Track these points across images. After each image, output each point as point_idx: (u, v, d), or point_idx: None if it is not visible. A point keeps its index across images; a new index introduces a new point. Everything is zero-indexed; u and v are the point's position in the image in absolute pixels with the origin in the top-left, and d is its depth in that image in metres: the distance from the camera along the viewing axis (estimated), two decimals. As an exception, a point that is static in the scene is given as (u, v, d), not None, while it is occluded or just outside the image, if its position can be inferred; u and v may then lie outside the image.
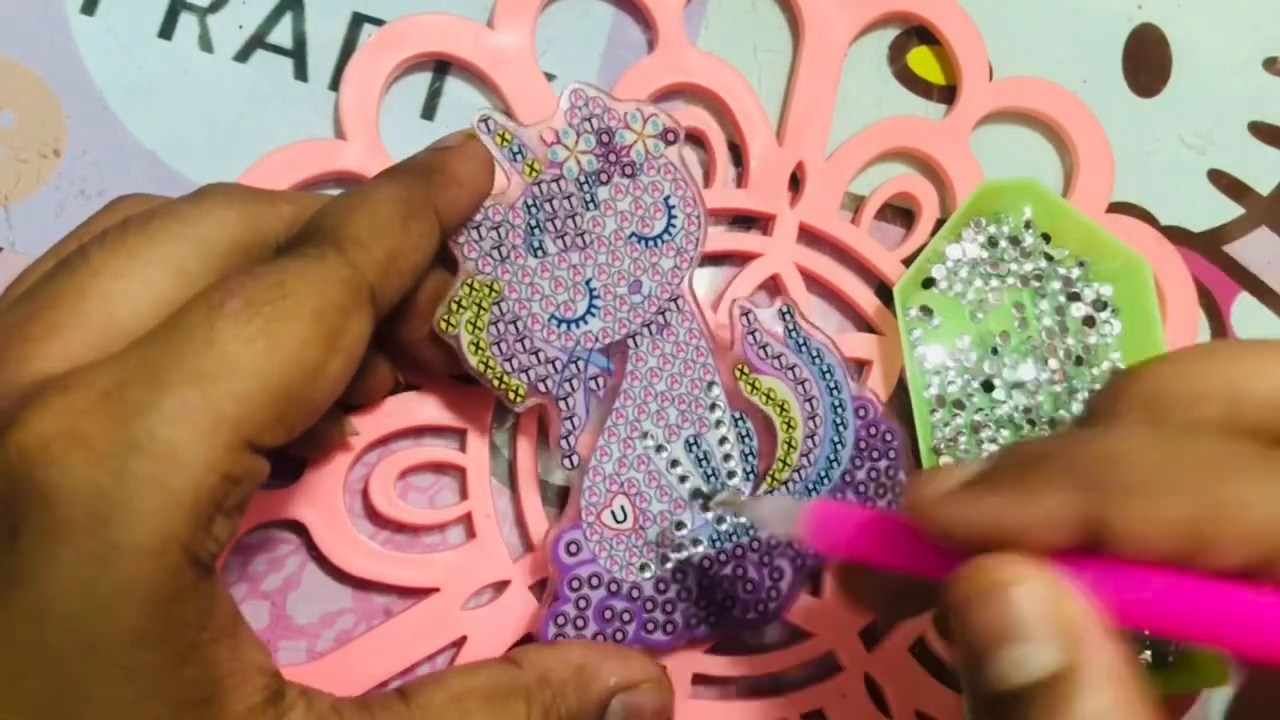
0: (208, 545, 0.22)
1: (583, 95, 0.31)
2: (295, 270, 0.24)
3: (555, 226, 0.31)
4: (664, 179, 0.32)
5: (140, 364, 0.22)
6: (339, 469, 0.32)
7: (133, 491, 0.21)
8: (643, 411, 0.32)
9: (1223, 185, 0.39)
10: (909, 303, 0.35)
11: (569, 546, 0.31)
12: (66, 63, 0.33)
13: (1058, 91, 0.37)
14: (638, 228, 0.32)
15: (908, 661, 0.35)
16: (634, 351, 0.32)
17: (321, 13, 0.34)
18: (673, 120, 0.32)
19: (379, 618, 0.33)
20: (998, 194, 0.35)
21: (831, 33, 0.36)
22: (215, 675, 0.23)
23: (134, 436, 0.21)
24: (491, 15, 0.34)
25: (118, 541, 0.21)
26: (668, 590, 0.31)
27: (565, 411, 0.31)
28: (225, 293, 0.23)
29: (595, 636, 0.31)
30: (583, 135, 0.31)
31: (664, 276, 0.32)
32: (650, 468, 0.32)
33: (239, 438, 0.22)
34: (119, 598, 0.21)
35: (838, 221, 0.36)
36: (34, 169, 0.33)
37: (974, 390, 0.35)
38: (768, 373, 0.33)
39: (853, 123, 0.36)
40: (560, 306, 0.31)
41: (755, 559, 0.32)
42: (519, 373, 0.30)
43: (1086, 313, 0.36)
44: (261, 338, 0.23)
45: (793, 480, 0.33)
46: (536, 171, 0.31)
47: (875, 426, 0.34)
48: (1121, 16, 0.39)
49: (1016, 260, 0.36)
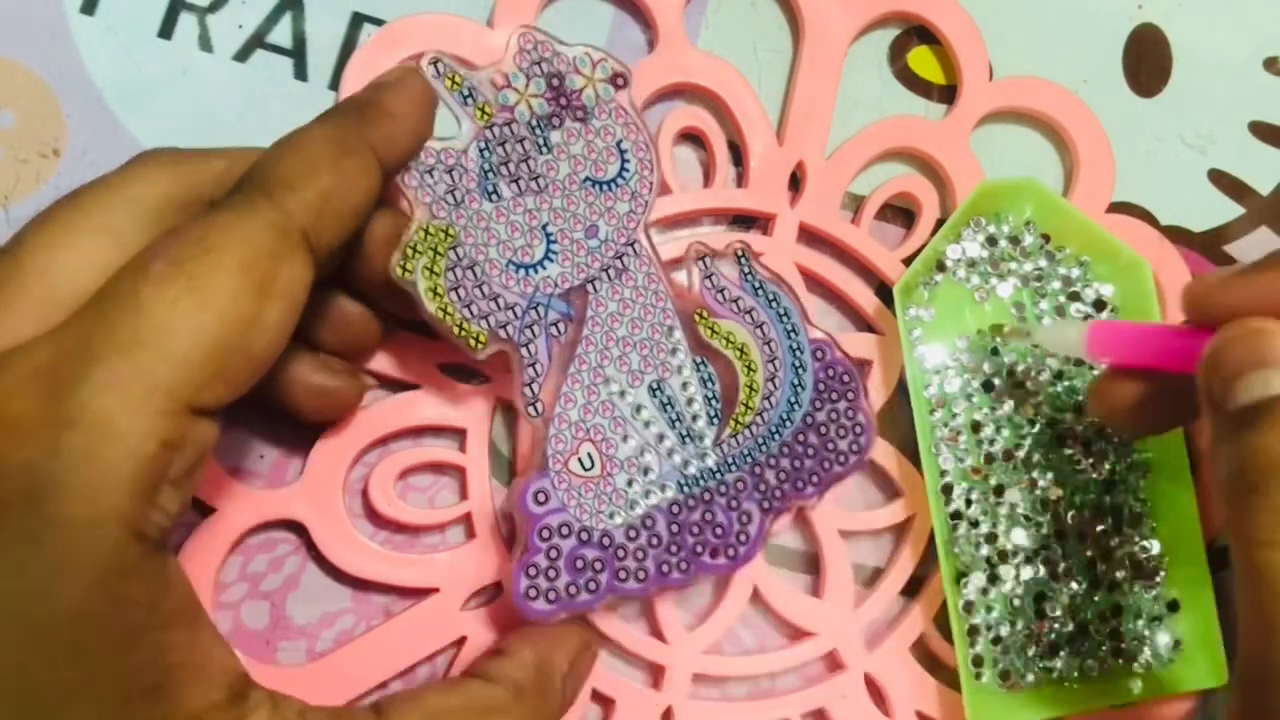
0: (153, 518, 0.22)
1: (531, 39, 0.31)
2: (220, 223, 0.24)
3: (509, 170, 0.30)
4: (615, 123, 0.32)
5: (72, 338, 0.22)
6: (339, 469, 0.32)
7: (67, 467, 0.21)
8: (605, 357, 0.31)
9: (1223, 185, 0.39)
10: (908, 302, 0.35)
11: (537, 496, 0.30)
12: (66, 62, 0.33)
13: (1058, 91, 0.37)
14: (591, 172, 0.31)
15: (908, 661, 0.35)
16: (593, 297, 0.31)
17: (321, 12, 0.34)
18: (622, 64, 0.32)
19: (379, 618, 0.33)
20: (997, 193, 0.35)
21: (832, 32, 0.36)
22: (167, 663, 0.22)
23: (65, 412, 0.21)
24: (491, 15, 0.34)
25: (52, 517, 0.21)
26: (638, 537, 0.31)
27: (527, 359, 0.31)
28: (150, 255, 0.23)
29: (568, 587, 0.30)
30: (533, 79, 0.31)
31: (620, 220, 0.32)
32: (615, 413, 0.31)
33: (175, 402, 0.22)
34: (56, 574, 0.21)
35: (838, 221, 0.36)
36: (34, 169, 0.33)
37: (974, 390, 0.35)
38: (726, 316, 0.33)
39: (853, 122, 0.36)
40: (517, 251, 0.31)
41: (723, 503, 0.32)
42: (478, 319, 0.30)
43: (1086, 312, 0.36)
44: (186, 296, 0.22)
45: (756, 423, 0.33)
46: (488, 115, 0.30)
47: (833, 368, 0.34)
48: (1122, 16, 0.39)
49: (1016, 260, 0.36)
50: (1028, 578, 0.35)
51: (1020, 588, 0.35)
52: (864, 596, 0.35)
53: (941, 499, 0.35)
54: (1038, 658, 0.35)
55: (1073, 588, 0.35)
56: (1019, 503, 0.35)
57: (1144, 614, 0.35)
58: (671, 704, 0.34)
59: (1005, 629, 0.35)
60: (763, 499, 0.33)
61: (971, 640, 0.34)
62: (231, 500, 0.32)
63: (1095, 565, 0.35)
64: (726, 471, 0.32)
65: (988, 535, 0.35)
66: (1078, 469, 0.35)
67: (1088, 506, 0.35)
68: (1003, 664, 0.34)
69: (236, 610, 0.32)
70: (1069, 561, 0.35)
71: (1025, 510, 0.35)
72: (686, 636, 0.34)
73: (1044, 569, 0.35)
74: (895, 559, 0.36)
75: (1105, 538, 0.35)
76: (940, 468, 0.35)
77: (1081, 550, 0.35)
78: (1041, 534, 0.35)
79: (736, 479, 0.32)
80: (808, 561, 0.36)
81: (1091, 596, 0.35)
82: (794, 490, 0.33)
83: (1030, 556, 0.35)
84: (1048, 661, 0.35)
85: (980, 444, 0.35)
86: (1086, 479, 0.35)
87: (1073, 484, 0.35)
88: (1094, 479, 0.36)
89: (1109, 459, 0.36)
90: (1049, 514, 0.35)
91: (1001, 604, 0.35)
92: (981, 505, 0.35)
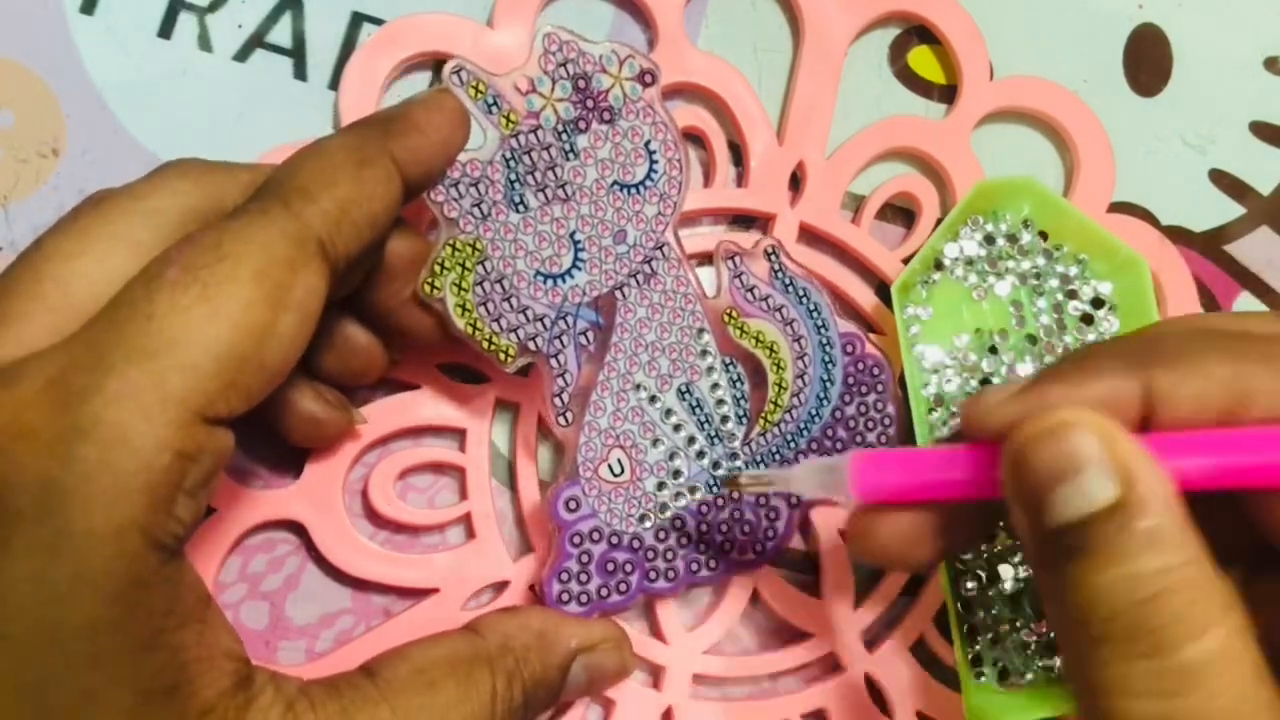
0: (169, 527, 0.22)
1: (557, 39, 0.30)
2: (234, 230, 0.23)
3: (535, 179, 0.30)
4: (643, 123, 0.31)
5: (85, 347, 0.22)
6: (339, 469, 0.32)
7: (82, 478, 0.21)
8: (634, 363, 0.31)
9: (1223, 185, 0.39)
10: (906, 301, 0.35)
11: (568, 503, 0.31)
12: (66, 62, 0.33)
13: (1058, 91, 0.37)
14: (619, 175, 0.31)
15: (908, 661, 0.35)
16: (622, 303, 0.31)
17: (321, 12, 0.34)
18: (650, 60, 0.31)
19: (379, 618, 0.33)
20: (995, 192, 0.35)
21: (832, 32, 0.36)
22: (182, 661, 0.23)
23: (79, 423, 0.21)
24: (491, 15, 0.34)
25: (69, 529, 0.21)
26: (668, 539, 0.32)
27: (556, 369, 0.31)
28: (164, 262, 0.23)
29: (599, 590, 0.31)
30: (558, 82, 0.30)
31: (648, 224, 0.32)
32: (645, 419, 0.31)
33: (189, 412, 0.22)
34: (75, 585, 0.21)
35: (838, 221, 0.36)
36: (33, 169, 0.33)
37: (972, 389, 0.35)
38: (756, 315, 0.33)
39: (853, 122, 0.36)
40: (545, 262, 0.30)
41: (751, 501, 0.32)
42: (508, 332, 0.30)
43: (1084, 310, 0.36)
44: (200, 305, 0.22)
45: (785, 420, 0.33)
46: (513, 123, 0.30)
47: (863, 362, 0.34)
48: (1122, 16, 0.39)
49: (1014, 258, 0.36)
50: (1027, 576, 0.35)
51: (1020, 587, 0.35)
52: (864, 596, 0.35)
53: (941, 499, 0.34)
54: (1037, 657, 0.35)
55: (1072, 587, 0.35)
56: (1019, 502, 0.35)
57: (1143, 613, 0.35)
58: (671, 704, 0.34)
59: (1005, 628, 0.35)
60: (790, 495, 0.33)
61: (971, 640, 0.34)
62: (231, 500, 0.32)
63: (1095, 565, 0.35)
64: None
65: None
66: (1077, 468, 0.35)
67: (1087, 506, 0.35)
68: (1002, 663, 0.34)
69: (236, 610, 0.32)
70: (1068, 561, 0.35)
71: (1025, 510, 0.35)
72: (686, 636, 0.34)
73: (1043, 569, 0.35)
74: (895, 559, 0.36)
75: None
76: (940, 467, 0.35)
77: (1081, 550, 0.35)
78: (1041, 534, 0.35)
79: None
80: (808, 562, 0.36)
81: (1091, 596, 0.35)
82: None
83: (1030, 556, 0.35)
84: (1047, 661, 0.35)
85: (980, 444, 0.35)
86: (1086, 479, 0.35)
87: (1072, 484, 0.35)
88: (1093, 479, 0.35)
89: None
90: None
91: (1001, 603, 0.35)
92: (981, 505, 0.35)
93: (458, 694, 0.27)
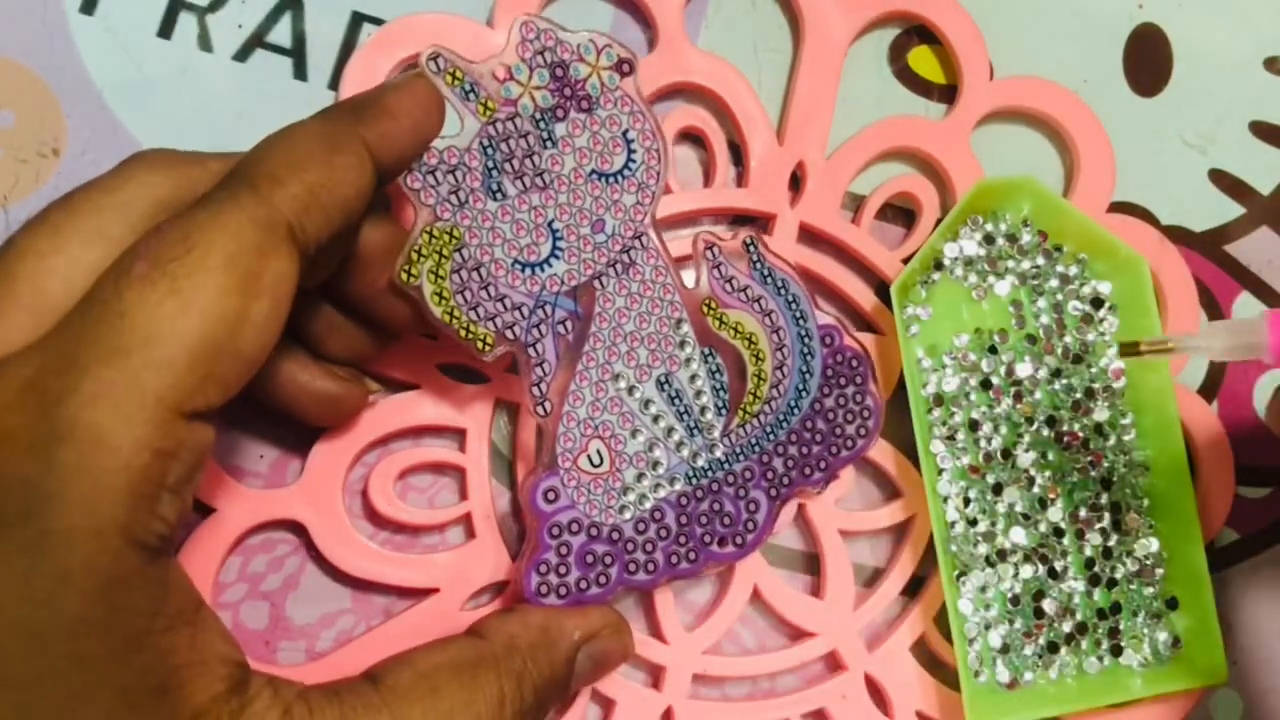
0: (153, 526, 0.22)
1: (534, 28, 0.30)
2: (201, 220, 0.23)
3: (513, 167, 0.30)
4: (621, 112, 0.31)
5: (59, 348, 0.22)
6: (339, 469, 0.32)
7: (62, 481, 0.21)
8: (613, 353, 0.31)
9: (1223, 185, 0.39)
10: (906, 301, 0.35)
11: (547, 494, 0.31)
12: (66, 62, 0.33)
13: (1058, 91, 0.37)
14: (597, 164, 0.31)
15: (908, 661, 0.35)
16: (600, 292, 0.31)
17: (321, 12, 0.34)
18: (627, 50, 0.31)
19: (379, 618, 0.33)
20: (994, 192, 0.35)
21: (832, 32, 0.36)
22: (171, 664, 0.22)
23: (55, 426, 0.21)
24: (491, 15, 0.34)
25: (50, 530, 0.21)
26: (647, 530, 0.31)
27: (535, 358, 0.30)
28: (132, 256, 0.23)
29: (578, 582, 0.31)
30: (536, 70, 0.30)
31: (627, 213, 0.31)
32: (623, 409, 0.31)
33: (166, 409, 0.22)
34: (57, 585, 0.21)
35: (838, 221, 0.36)
36: (33, 168, 0.33)
37: (971, 388, 0.35)
38: (735, 306, 0.33)
39: (853, 122, 0.36)
40: (523, 250, 0.30)
41: (731, 493, 0.32)
42: (485, 321, 0.30)
43: (1084, 310, 0.36)
44: (170, 298, 0.22)
45: (764, 412, 0.33)
46: (490, 110, 0.30)
47: (841, 354, 0.34)
48: (1122, 16, 0.39)
49: (1014, 258, 0.36)
50: (1027, 576, 0.35)
51: (1019, 586, 0.35)
52: (864, 597, 0.35)
53: (939, 498, 0.35)
54: (1037, 656, 0.35)
55: (1072, 586, 0.35)
56: (1017, 501, 0.35)
57: (1143, 612, 0.35)
58: (671, 704, 0.34)
59: (1004, 628, 0.35)
60: (770, 487, 0.33)
61: (971, 640, 0.34)
62: (231, 500, 0.32)
63: (1094, 563, 0.35)
64: (735, 461, 0.32)
65: (986, 534, 0.35)
66: (1076, 467, 0.35)
67: (1086, 505, 0.35)
68: (1002, 663, 0.35)
69: (236, 610, 0.32)
70: (1067, 560, 0.35)
71: (1024, 509, 0.35)
72: (686, 636, 0.34)
73: (1043, 567, 0.35)
74: (895, 559, 0.36)
75: (1104, 536, 0.35)
76: (938, 466, 0.35)
77: (1080, 548, 0.35)
78: (1040, 532, 0.35)
79: (744, 468, 0.32)
80: (808, 562, 0.36)
81: (1090, 595, 0.35)
82: (801, 477, 0.33)
83: (1029, 555, 0.35)
84: (1047, 660, 0.35)
85: (978, 443, 0.35)
86: (1085, 477, 0.36)
87: (1071, 482, 0.35)
88: (1092, 477, 0.36)
89: (1107, 457, 0.36)
90: (1047, 512, 0.35)
91: (1000, 603, 0.35)
92: (980, 504, 0.35)
93: (462, 699, 0.27)
